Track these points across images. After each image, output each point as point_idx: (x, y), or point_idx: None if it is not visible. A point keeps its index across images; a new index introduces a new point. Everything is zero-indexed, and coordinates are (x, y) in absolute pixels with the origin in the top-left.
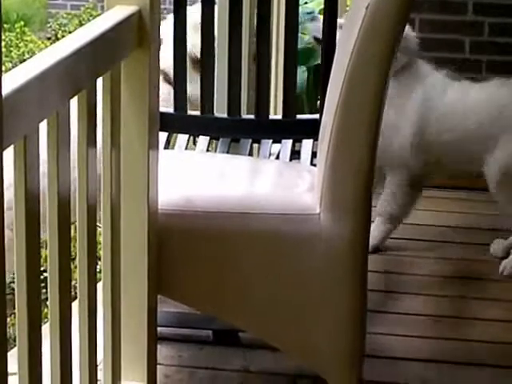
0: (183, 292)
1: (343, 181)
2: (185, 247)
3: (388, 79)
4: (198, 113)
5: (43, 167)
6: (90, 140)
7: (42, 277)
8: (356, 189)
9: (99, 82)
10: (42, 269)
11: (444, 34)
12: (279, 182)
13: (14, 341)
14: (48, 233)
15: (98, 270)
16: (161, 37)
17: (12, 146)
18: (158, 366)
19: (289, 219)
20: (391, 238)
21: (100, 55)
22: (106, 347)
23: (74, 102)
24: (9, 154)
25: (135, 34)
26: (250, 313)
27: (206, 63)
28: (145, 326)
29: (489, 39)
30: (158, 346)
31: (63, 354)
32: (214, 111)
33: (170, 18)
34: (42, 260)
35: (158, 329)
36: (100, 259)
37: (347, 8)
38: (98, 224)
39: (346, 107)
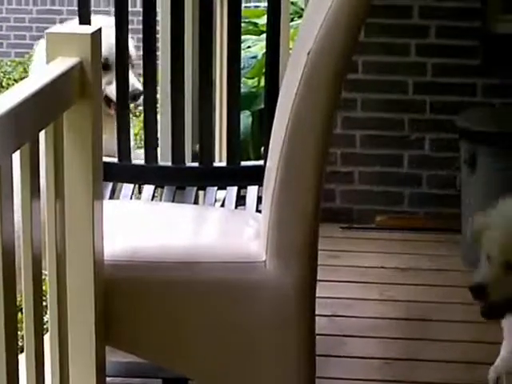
0: (131, 342)
1: (288, 226)
2: (131, 297)
3: (332, 124)
4: (142, 162)
5: None
6: (34, 192)
7: None
8: (302, 234)
9: (42, 133)
10: None
11: (388, 75)
12: (225, 230)
13: None
14: None
15: (44, 322)
16: None
17: None
18: None
19: (234, 267)
20: (338, 281)
21: (42, 107)
22: None
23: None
24: None
25: (77, 86)
26: (197, 362)
27: (148, 111)
28: (93, 377)
29: (432, 79)
30: None
31: None
32: (158, 160)
33: None
34: None
35: (107, 379)
36: (47, 310)
37: (290, 51)
38: (43, 274)
39: (290, 152)
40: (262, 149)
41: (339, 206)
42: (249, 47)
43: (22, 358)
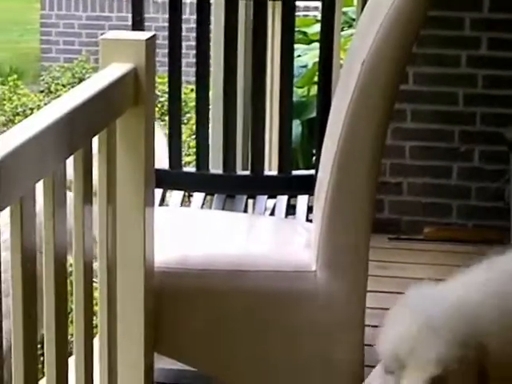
0: (179, 349)
1: (340, 236)
2: (180, 305)
3: (385, 135)
4: (193, 169)
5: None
6: (86, 198)
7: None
8: (353, 244)
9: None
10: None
11: (438, 86)
12: (275, 239)
13: None
14: (44, 291)
15: (94, 327)
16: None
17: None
18: None
19: (285, 277)
20: (385, 292)
21: (96, 114)
22: None
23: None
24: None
25: (131, 92)
26: (244, 370)
27: (200, 119)
28: (141, 382)
29: (483, 91)
30: None
31: None
32: (210, 167)
33: None
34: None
35: None
36: (96, 316)
37: (341, 61)
38: (94, 281)
39: (343, 162)
40: (314, 158)
41: (388, 216)
42: (299, 56)
43: (71, 361)
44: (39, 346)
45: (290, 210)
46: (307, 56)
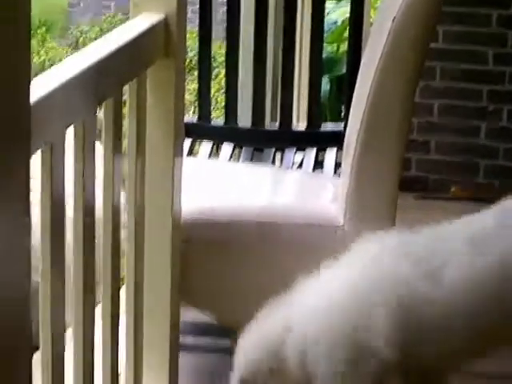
0: (205, 300)
1: (368, 191)
2: (207, 256)
3: (415, 92)
4: (221, 123)
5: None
6: (116, 148)
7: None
8: (381, 199)
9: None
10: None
11: (468, 45)
12: (302, 193)
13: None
14: (73, 238)
15: (121, 277)
16: None
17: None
18: (180, 375)
19: (312, 230)
20: None
21: (126, 63)
22: (128, 355)
23: None
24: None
25: (161, 43)
26: None
27: (230, 73)
28: (167, 332)
29: None
30: (180, 355)
31: (86, 361)
32: (238, 122)
33: None
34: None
35: (180, 338)
36: (124, 266)
37: (371, 19)
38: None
39: (372, 119)
40: (342, 114)
41: (415, 174)
42: (328, 13)
43: (98, 310)
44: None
45: (318, 165)
46: (336, 13)
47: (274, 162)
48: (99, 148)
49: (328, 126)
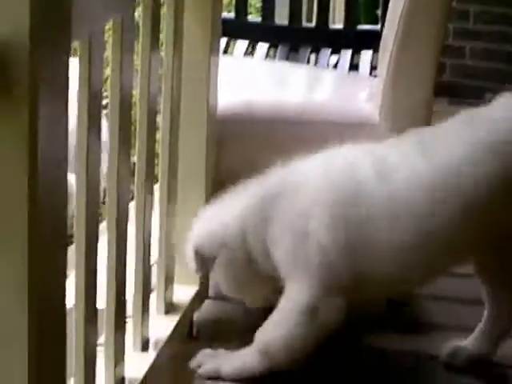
0: None
1: (405, 90)
2: (242, 152)
3: None
4: (258, 19)
5: None
6: (154, 44)
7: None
8: (417, 99)
9: None
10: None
11: None
12: (338, 91)
13: (72, 237)
14: (109, 133)
15: (155, 173)
16: None
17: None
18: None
19: (347, 128)
20: None
21: None
22: (160, 249)
23: None
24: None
25: None
26: None
27: None
28: None
29: None
30: None
31: (119, 252)
32: (275, 19)
33: None
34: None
35: None
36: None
37: None
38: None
39: (410, 20)
40: (378, 13)
41: (449, 80)
42: None
43: (132, 206)
44: None
45: (353, 67)
46: None
47: (309, 62)
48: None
49: (364, 27)
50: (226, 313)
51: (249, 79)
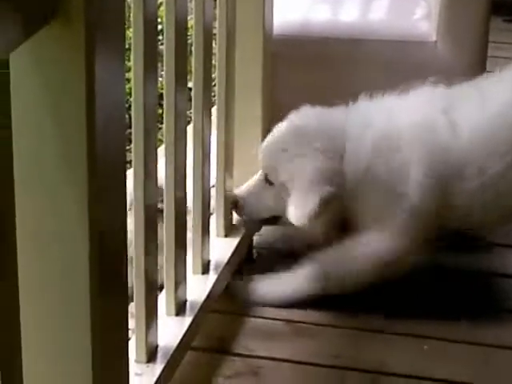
0: None
1: (461, 9)
2: (298, 72)
3: None
4: None
5: None
6: None
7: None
8: (475, 17)
9: None
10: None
11: None
12: (395, 10)
13: (130, 163)
14: (165, 58)
15: (212, 95)
16: None
17: None
18: None
19: (405, 46)
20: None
21: None
22: (218, 172)
23: None
24: None
25: None
26: None
27: None
28: (257, 156)
29: None
30: None
31: (178, 175)
32: None
33: None
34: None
35: None
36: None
37: None
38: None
39: None
40: None
41: None
42: None
43: (189, 129)
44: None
45: None
46: None
47: None
48: None
49: None
50: (285, 236)
51: None
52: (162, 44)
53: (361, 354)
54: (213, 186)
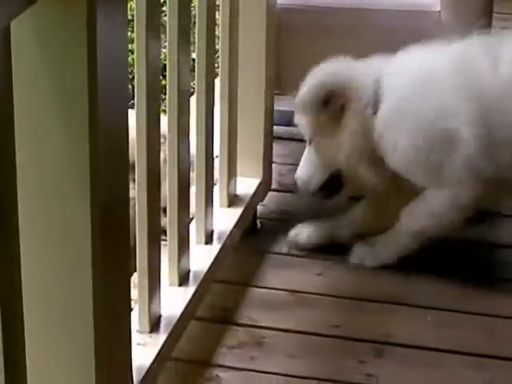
0: (298, 87)
1: None
2: (303, 43)
3: None
4: None
5: None
6: None
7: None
8: None
9: None
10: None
11: None
12: None
13: None
14: (168, 27)
15: (216, 66)
16: None
17: None
18: (273, 164)
19: (409, 16)
20: None
21: None
22: (222, 143)
23: None
24: None
25: None
26: None
27: None
28: (261, 123)
29: None
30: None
31: (181, 145)
32: None
33: None
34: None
35: (274, 128)
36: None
37: None
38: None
39: None
40: None
41: None
42: None
43: (193, 100)
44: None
45: None
46: None
47: None
48: None
49: None
50: (289, 205)
51: None
52: (165, 15)
53: (363, 325)
54: (216, 157)
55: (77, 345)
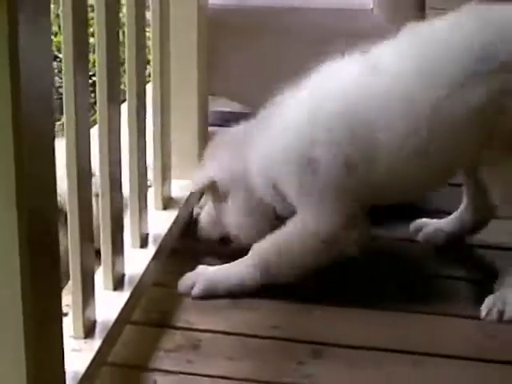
0: (232, 88)
1: None
2: (235, 44)
3: None
4: None
5: None
6: None
7: (90, 81)
8: None
9: None
10: (90, 73)
11: None
12: None
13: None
14: (96, 36)
15: (147, 73)
16: None
17: None
18: None
19: (342, 14)
20: None
21: None
22: (155, 146)
23: None
24: None
25: None
26: None
27: None
28: (195, 125)
29: None
30: None
31: (112, 148)
32: None
33: None
34: (90, 65)
35: (209, 128)
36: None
37: None
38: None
39: None
40: None
41: None
42: None
43: (123, 108)
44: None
45: None
46: None
47: None
48: None
49: None
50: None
51: None
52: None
53: (302, 326)
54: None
55: (6, 353)
